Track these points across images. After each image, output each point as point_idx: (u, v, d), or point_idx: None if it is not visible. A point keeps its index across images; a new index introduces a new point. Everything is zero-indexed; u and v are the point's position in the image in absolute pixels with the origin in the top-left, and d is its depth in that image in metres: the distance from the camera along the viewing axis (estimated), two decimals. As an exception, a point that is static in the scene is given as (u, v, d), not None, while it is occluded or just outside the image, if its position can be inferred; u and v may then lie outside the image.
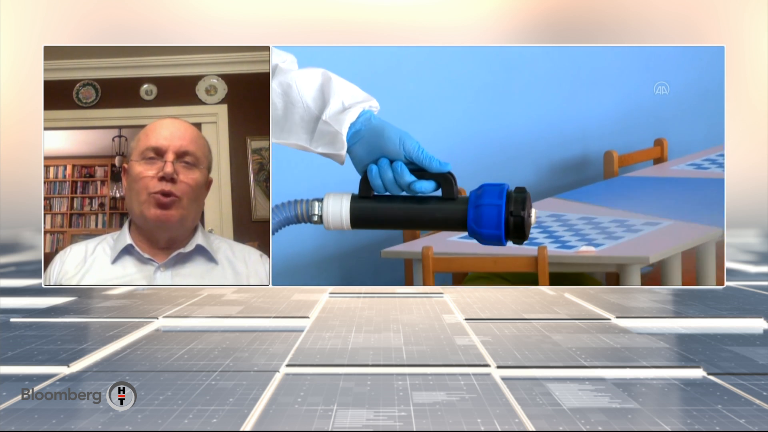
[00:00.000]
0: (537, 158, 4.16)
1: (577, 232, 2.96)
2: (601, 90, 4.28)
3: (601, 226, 2.96)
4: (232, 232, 3.98)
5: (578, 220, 3.03)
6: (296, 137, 1.72)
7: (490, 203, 1.66)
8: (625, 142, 4.18)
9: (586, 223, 3.01)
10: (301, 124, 1.73)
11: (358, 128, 1.69)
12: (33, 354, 2.65)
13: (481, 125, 4.10)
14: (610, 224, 2.94)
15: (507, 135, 4.08)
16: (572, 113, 4.22)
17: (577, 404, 2.08)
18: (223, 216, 4.00)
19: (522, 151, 4.14)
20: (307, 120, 1.73)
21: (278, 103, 1.75)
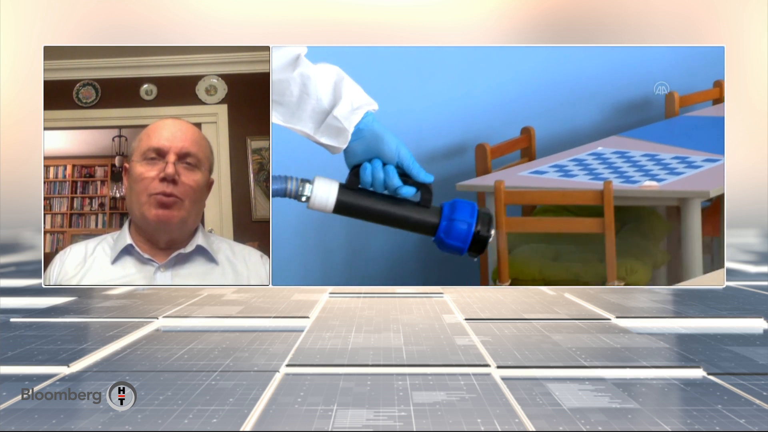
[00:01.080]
0: (602, 100, 4.18)
1: (640, 168, 3.12)
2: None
3: (663, 162, 3.11)
4: (232, 232, 3.98)
5: (641, 156, 3.18)
6: (304, 125, 1.91)
7: (462, 219, 1.87)
8: (686, 84, 4.22)
9: (649, 160, 3.17)
10: (311, 114, 1.91)
11: (360, 127, 1.89)
12: (33, 354, 2.65)
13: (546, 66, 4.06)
14: (672, 161, 3.04)
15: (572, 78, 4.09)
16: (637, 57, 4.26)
17: (577, 404, 2.08)
18: (223, 216, 4.00)
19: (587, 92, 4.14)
20: (318, 112, 1.91)
21: (294, 91, 1.92)
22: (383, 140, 1.88)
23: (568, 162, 2.98)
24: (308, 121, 1.91)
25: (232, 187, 4.03)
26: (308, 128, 1.91)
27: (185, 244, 2.80)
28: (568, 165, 2.93)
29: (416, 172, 1.88)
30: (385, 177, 1.88)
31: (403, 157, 1.88)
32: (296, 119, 1.92)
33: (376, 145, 1.88)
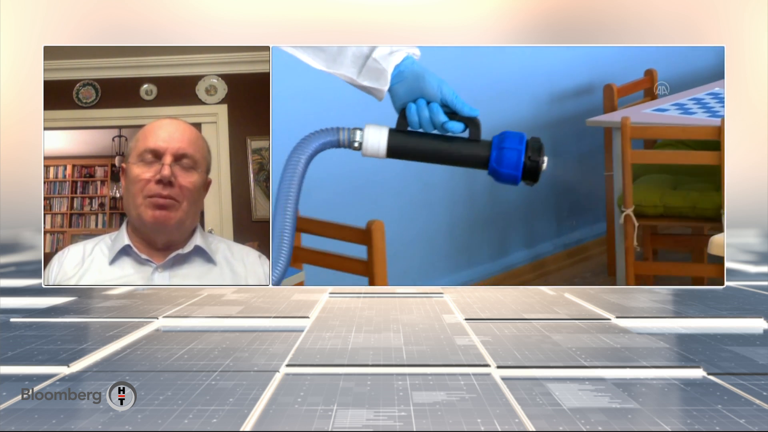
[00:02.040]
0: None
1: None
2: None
3: None
4: (232, 232, 3.98)
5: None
6: (346, 69, 2.01)
7: (511, 147, 1.92)
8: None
9: None
10: (352, 59, 2.00)
11: (401, 69, 1.96)
12: (33, 354, 2.65)
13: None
14: None
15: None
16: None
17: (577, 404, 2.07)
18: (223, 216, 4.00)
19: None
20: (358, 56, 1.99)
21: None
22: (424, 79, 1.94)
23: (688, 101, 3.14)
24: (350, 65, 1.99)
25: (232, 187, 4.03)
26: (351, 72, 1.99)
27: (183, 244, 2.80)
28: (687, 103, 3.08)
29: (460, 107, 1.93)
30: (430, 114, 1.93)
31: (446, 94, 1.93)
32: (338, 65, 2.00)
33: (418, 85, 1.94)
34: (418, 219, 4.36)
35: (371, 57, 1.96)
